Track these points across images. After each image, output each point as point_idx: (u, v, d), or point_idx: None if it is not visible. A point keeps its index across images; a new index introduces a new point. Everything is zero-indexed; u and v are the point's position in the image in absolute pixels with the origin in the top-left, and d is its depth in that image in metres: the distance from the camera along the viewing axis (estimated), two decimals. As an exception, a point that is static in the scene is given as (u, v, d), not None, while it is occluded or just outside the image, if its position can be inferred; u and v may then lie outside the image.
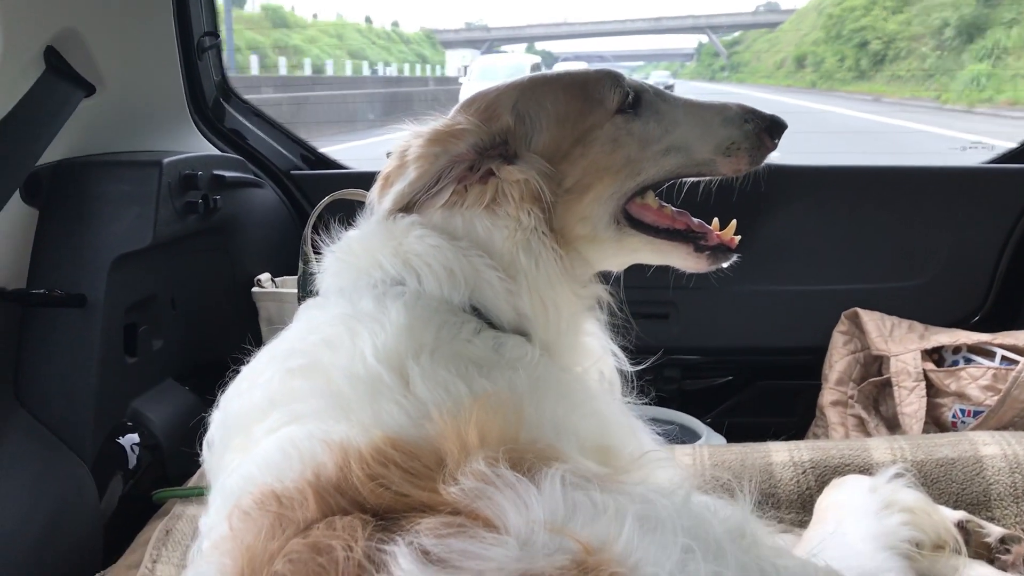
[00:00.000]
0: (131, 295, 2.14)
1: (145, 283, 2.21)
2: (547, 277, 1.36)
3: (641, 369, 1.53)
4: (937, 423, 2.49)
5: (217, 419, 1.24)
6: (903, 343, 2.61)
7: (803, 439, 2.07)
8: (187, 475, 2.01)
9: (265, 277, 2.69)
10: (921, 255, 2.86)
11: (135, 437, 2.12)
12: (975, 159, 3.21)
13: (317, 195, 2.45)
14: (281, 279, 2.72)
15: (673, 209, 1.50)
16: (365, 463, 0.94)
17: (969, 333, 2.61)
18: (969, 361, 2.55)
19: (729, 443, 2.29)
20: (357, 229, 1.44)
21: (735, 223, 1.52)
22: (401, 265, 1.32)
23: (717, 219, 1.52)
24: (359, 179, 2.42)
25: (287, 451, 1.02)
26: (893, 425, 2.54)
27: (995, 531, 1.49)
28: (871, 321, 2.69)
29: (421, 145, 1.35)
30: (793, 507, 1.75)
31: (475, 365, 1.17)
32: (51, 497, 1.88)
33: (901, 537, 1.31)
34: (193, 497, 1.85)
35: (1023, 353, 2.47)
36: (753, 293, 2.87)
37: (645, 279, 1.67)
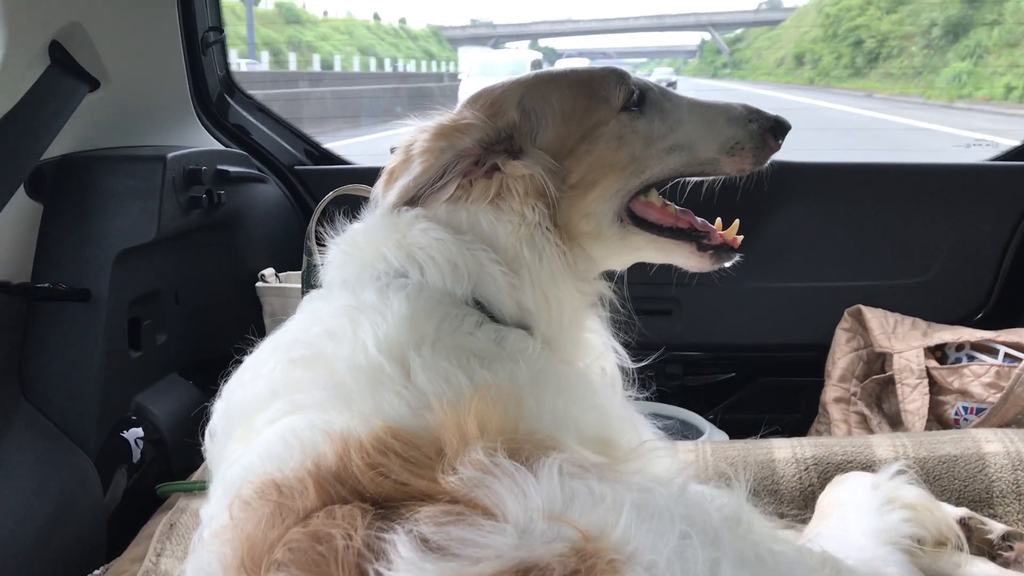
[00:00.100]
0: (135, 289, 2.15)
1: (149, 278, 2.22)
2: (550, 272, 1.36)
3: (643, 365, 1.53)
4: (940, 420, 2.49)
5: (220, 409, 1.24)
6: (906, 340, 2.61)
7: (806, 436, 2.07)
8: (191, 469, 2.02)
9: (269, 272, 2.69)
10: (924, 252, 2.86)
11: (139, 431, 2.13)
12: (978, 156, 3.20)
13: (321, 190, 2.46)
14: (285, 274, 2.73)
15: (676, 207, 1.50)
16: (365, 452, 0.94)
17: (972, 330, 2.61)
18: (972, 358, 2.54)
19: (731, 439, 2.29)
20: (361, 222, 1.44)
21: (738, 223, 1.52)
22: (405, 257, 1.32)
23: (720, 219, 1.52)
24: (363, 175, 2.42)
25: (288, 441, 1.02)
26: (896, 422, 2.53)
27: (997, 528, 1.49)
28: (874, 318, 2.69)
29: (427, 139, 1.35)
30: (795, 503, 1.75)
31: (476, 357, 1.17)
32: (55, 490, 1.89)
33: (903, 533, 1.31)
34: (197, 491, 1.85)
35: (1026, 350, 2.47)
36: (756, 290, 2.87)
37: (649, 276, 1.67)
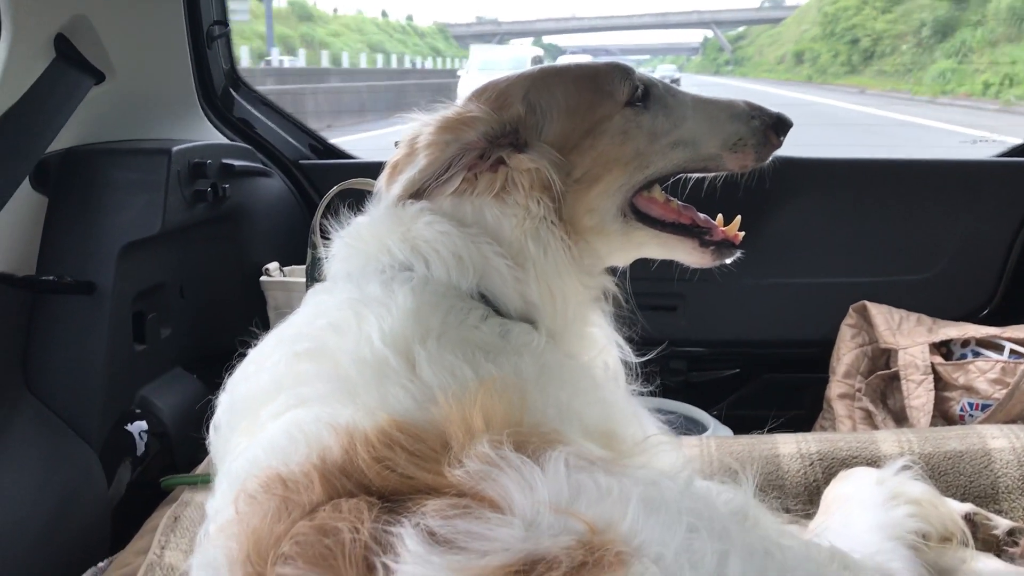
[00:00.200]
0: (139, 283, 2.15)
1: (153, 271, 2.22)
2: (555, 266, 1.36)
3: (647, 360, 1.52)
4: (945, 417, 2.48)
5: (224, 402, 1.24)
6: (911, 336, 2.60)
7: (810, 432, 2.07)
8: (195, 462, 2.02)
9: (273, 266, 2.69)
10: (930, 248, 2.85)
11: (143, 424, 2.13)
12: (983, 153, 3.19)
13: (325, 185, 2.46)
14: (289, 268, 2.73)
15: (679, 203, 1.50)
16: (371, 446, 0.94)
17: (978, 327, 2.60)
18: (977, 355, 2.54)
19: (736, 435, 2.29)
20: (366, 215, 1.44)
21: (739, 219, 1.52)
22: (409, 251, 1.32)
23: (721, 215, 1.53)
24: (367, 169, 2.43)
25: (293, 434, 1.02)
26: (901, 418, 2.53)
27: (1003, 523, 1.48)
28: (879, 314, 2.68)
29: (432, 132, 1.35)
30: (800, 499, 1.75)
31: (481, 350, 1.17)
32: (59, 483, 1.89)
33: (908, 529, 1.31)
34: (201, 484, 1.86)
35: (1032, 347, 2.46)
36: (761, 286, 2.87)
37: (653, 271, 1.67)
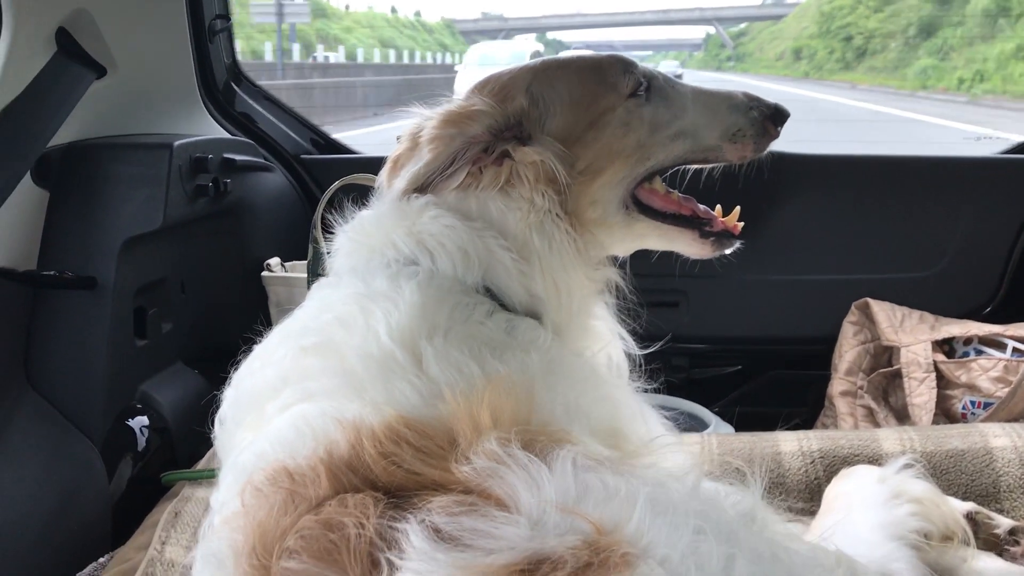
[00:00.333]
0: (141, 278, 2.14)
1: (155, 266, 2.22)
2: (560, 259, 1.36)
3: (649, 356, 1.53)
4: (947, 415, 2.48)
5: (229, 397, 1.24)
6: (913, 334, 2.60)
7: (812, 429, 2.06)
8: (196, 458, 2.02)
9: (275, 261, 2.69)
10: (932, 246, 2.85)
11: (144, 420, 2.13)
12: (986, 150, 3.19)
13: (327, 180, 2.45)
14: (291, 263, 2.72)
15: (679, 195, 1.51)
16: (377, 441, 0.94)
17: (980, 324, 2.60)
18: (980, 353, 2.54)
19: (737, 432, 2.29)
20: (370, 210, 1.44)
21: (739, 209, 1.53)
22: (415, 245, 1.32)
23: (720, 206, 1.53)
24: (369, 164, 2.42)
25: (300, 428, 1.02)
26: (903, 416, 2.53)
27: (1004, 523, 1.48)
28: (881, 312, 2.68)
29: (436, 126, 1.35)
30: (801, 496, 1.75)
31: (488, 347, 1.17)
32: (61, 478, 1.89)
33: (909, 527, 1.31)
34: (202, 480, 1.85)
35: (1034, 345, 2.46)
36: (764, 282, 2.86)
37: (656, 267, 1.67)
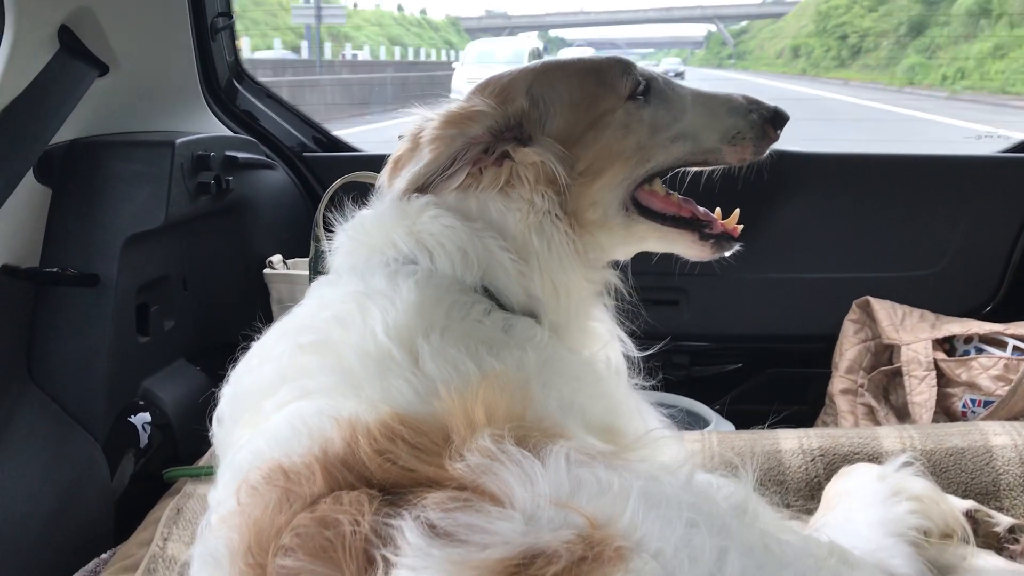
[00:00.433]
0: (143, 275, 2.15)
1: (157, 263, 2.22)
2: (559, 260, 1.36)
3: (649, 355, 1.53)
4: (947, 413, 2.48)
5: (227, 394, 1.24)
6: (914, 332, 2.60)
7: (812, 427, 2.06)
8: (198, 454, 2.02)
9: (277, 259, 2.69)
10: (933, 244, 2.85)
11: (146, 416, 2.13)
12: (986, 149, 3.18)
13: (329, 177, 2.45)
14: (293, 261, 2.73)
15: (679, 196, 1.51)
16: (373, 438, 0.94)
17: (981, 323, 2.60)
18: (980, 351, 2.54)
19: (738, 430, 2.29)
20: (370, 209, 1.44)
21: (738, 212, 1.53)
22: (414, 244, 1.32)
23: (720, 208, 1.53)
24: (371, 162, 2.42)
25: (296, 426, 1.02)
26: (903, 414, 2.53)
27: (1004, 521, 1.48)
28: (882, 310, 2.68)
29: (436, 127, 1.35)
30: (801, 494, 1.75)
31: (485, 345, 1.17)
32: (63, 475, 1.90)
33: (909, 525, 1.31)
34: (204, 476, 1.86)
35: (1035, 344, 2.46)
36: (765, 281, 2.86)
37: (656, 266, 1.67)
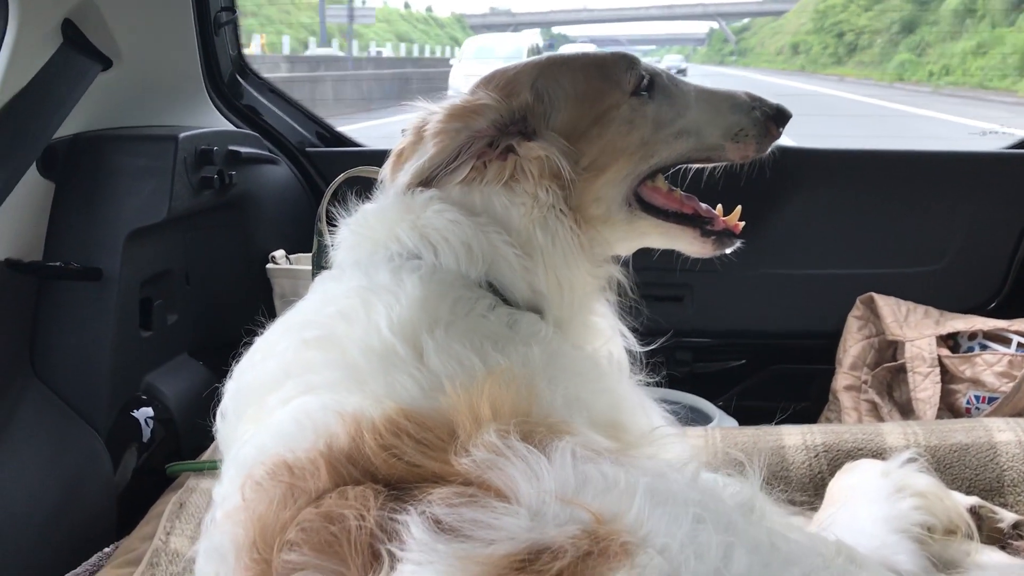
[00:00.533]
0: (146, 269, 2.15)
1: (160, 257, 2.22)
2: (563, 255, 1.36)
3: (652, 351, 1.53)
4: (951, 409, 2.48)
5: (231, 389, 1.24)
6: (918, 329, 2.60)
7: (816, 423, 2.06)
8: (201, 449, 2.02)
9: (279, 254, 2.69)
10: (937, 240, 2.84)
11: (149, 411, 2.13)
12: (990, 145, 3.18)
13: (332, 172, 2.45)
14: (295, 256, 2.73)
15: (682, 193, 1.51)
16: (378, 434, 0.94)
17: (985, 319, 2.60)
18: (985, 347, 2.53)
19: (741, 426, 2.28)
20: (374, 203, 1.44)
21: (739, 209, 1.53)
22: (418, 239, 1.32)
23: (721, 205, 1.53)
24: (374, 157, 2.42)
25: (300, 422, 1.02)
26: (907, 411, 2.53)
27: (1008, 517, 1.48)
28: (886, 306, 2.68)
29: (441, 120, 1.35)
30: (805, 490, 1.75)
31: (489, 340, 1.17)
32: (66, 469, 1.90)
33: (912, 521, 1.31)
34: (206, 471, 1.86)
35: (1039, 340, 2.45)
36: (768, 277, 2.86)
37: (660, 262, 1.67)
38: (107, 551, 1.73)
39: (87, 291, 1.99)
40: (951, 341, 2.60)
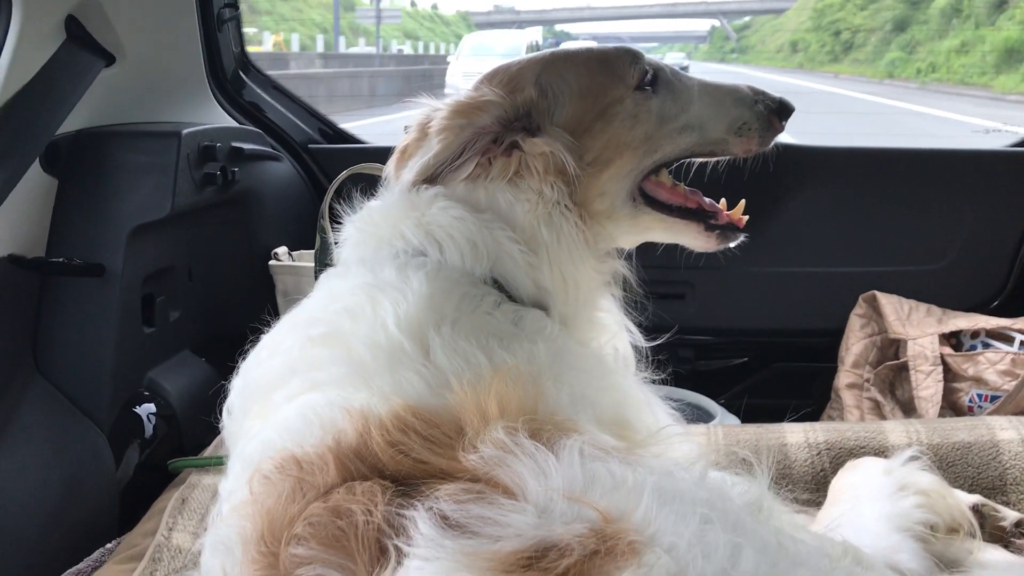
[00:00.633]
0: (149, 265, 2.15)
1: (163, 254, 2.22)
2: (568, 251, 1.36)
3: (655, 347, 1.53)
4: (954, 408, 2.48)
5: (237, 386, 1.24)
6: (921, 327, 2.60)
7: (818, 421, 2.06)
8: (203, 445, 2.02)
9: (282, 250, 2.69)
10: (940, 238, 2.84)
11: (151, 407, 2.13)
12: (993, 143, 3.17)
13: (335, 169, 2.45)
14: (298, 252, 2.73)
15: (685, 187, 1.51)
16: (385, 430, 0.94)
17: (988, 318, 2.60)
18: (987, 346, 2.53)
19: (743, 424, 2.28)
20: (379, 200, 1.44)
21: (743, 203, 1.53)
22: (424, 236, 1.32)
23: (725, 199, 1.53)
24: (377, 154, 2.42)
25: (308, 417, 1.02)
26: (909, 409, 2.53)
27: (1010, 515, 1.48)
28: (889, 304, 2.68)
29: (445, 117, 1.35)
30: (808, 488, 1.75)
31: (495, 337, 1.17)
32: (68, 465, 1.90)
33: (915, 519, 1.30)
34: (209, 467, 1.86)
35: (1042, 339, 2.46)
36: (771, 275, 2.86)
37: (663, 259, 1.67)
38: (109, 547, 1.73)
39: (90, 287, 1.99)
40: (953, 339, 2.60)
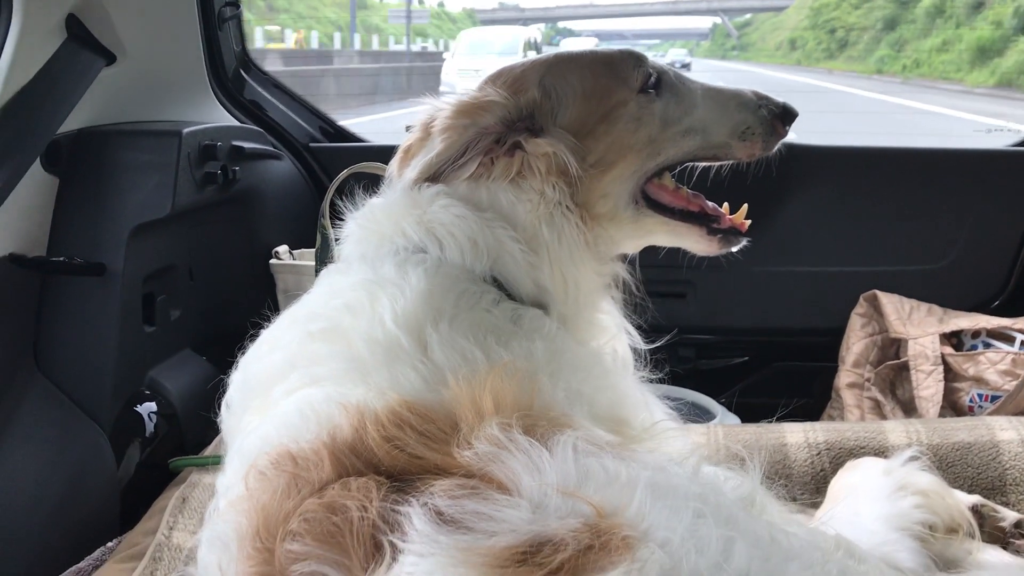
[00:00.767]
0: (150, 264, 2.15)
1: (164, 253, 2.23)
2: (569, 252, 1.36)
3: (656, 348, 1.53)
4: (954, 407, 2.48)
5: (237, 380, 1.25)
6: (921, 326, 2.60)
7: (818, 421, 2.06)
8: (204, 444, 2.03)
9: (283, 249, 2.69)
10: (941, 238, 2.84)
11: (152, 406, 2.14)
12: (995, 143, 3.17)
13: (335, 168, 2.45)
14: (299, 251, 2.73)
15: (688, 191, 1.51)
16: (381, 425, 0.94)
17: (989, 317, 2.60)
18: (988, 346, 2.53)
19: (744, 423, 2.28)
20: (381, 197, 1.44)
21: (746, 207, 1.53)
22: (424, 233, 1.33)
23: (727, 203, 1.53)
24: (378, 152, 2.42)
25: (304, 412, 1.03)
26: (909, 409, 2.52)
27: (1010, 516, 1.48)
28: (890, 304, 2.68)
29: (449, 116, 1.35)
30: (807, 488, 1.74)
31: (493, 334, 1.17)
32: (69, 464, 1.90)
33: (914, 519, 1.30)
34: (209, 466, 1.86)
35: (1043, 339, 2.45)
36: (771, 274, 2.86)
37: (663, 259, 1.68)
38: (110, 545, 1.73)
39: (90, 286, 1.99)
40: (954, 339, 2.60)
